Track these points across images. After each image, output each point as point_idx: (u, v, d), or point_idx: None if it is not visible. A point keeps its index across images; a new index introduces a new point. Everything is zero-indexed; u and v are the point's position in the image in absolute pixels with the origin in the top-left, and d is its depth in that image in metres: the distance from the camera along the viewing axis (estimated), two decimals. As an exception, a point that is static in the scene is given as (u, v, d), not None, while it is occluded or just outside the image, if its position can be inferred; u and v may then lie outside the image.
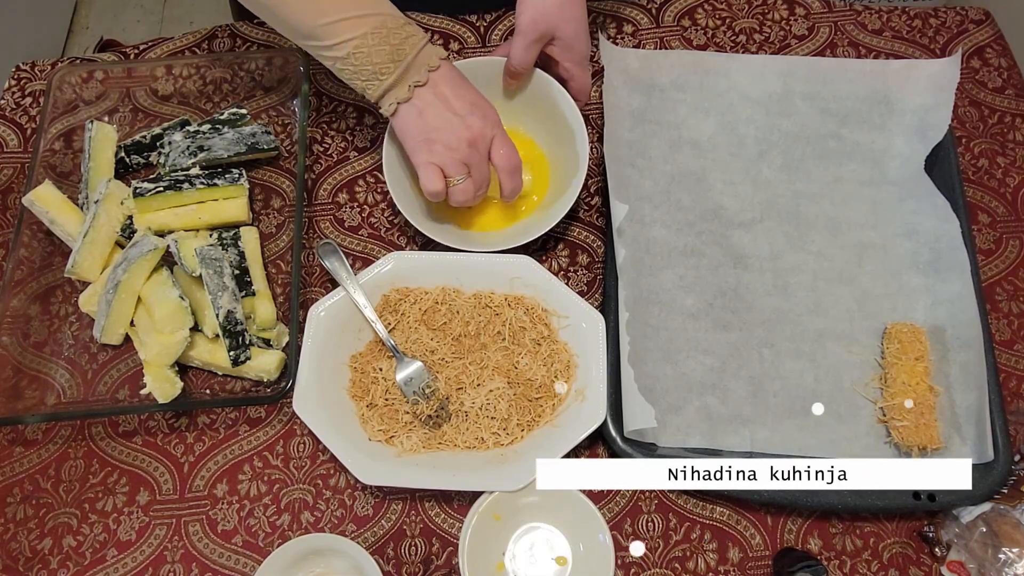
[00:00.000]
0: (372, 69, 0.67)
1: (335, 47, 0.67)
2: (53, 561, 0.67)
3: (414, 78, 0.67)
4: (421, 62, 0.67)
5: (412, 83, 0.67)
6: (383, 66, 0.66)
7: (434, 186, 0.68)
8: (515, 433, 0.68)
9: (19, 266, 0.73)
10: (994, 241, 0.78)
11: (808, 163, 0.80)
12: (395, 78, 0.67)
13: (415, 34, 0.67)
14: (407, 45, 0.67)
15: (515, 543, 0.66)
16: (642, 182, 0.79)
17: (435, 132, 0.68)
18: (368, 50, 0.66)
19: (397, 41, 0.66)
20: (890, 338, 0.71)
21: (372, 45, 0.66)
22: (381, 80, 0.67)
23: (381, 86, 0.67)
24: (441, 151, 0.68)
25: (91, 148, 0.78)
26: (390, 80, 0.67)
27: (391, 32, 0.66)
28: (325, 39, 0.67)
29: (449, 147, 0.68)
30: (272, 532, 0.68)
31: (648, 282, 0.74)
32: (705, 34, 0.90)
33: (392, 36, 0.66)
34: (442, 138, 0.68)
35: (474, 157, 0.69)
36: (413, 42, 0.67)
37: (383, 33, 0.66)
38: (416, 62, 0.67)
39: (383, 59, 0.66)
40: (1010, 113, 0.84)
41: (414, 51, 0.67)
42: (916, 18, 0.90)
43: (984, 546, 0.62)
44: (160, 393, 0.68)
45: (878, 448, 0.68)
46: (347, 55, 0.66)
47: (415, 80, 0.67)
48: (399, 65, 0.66)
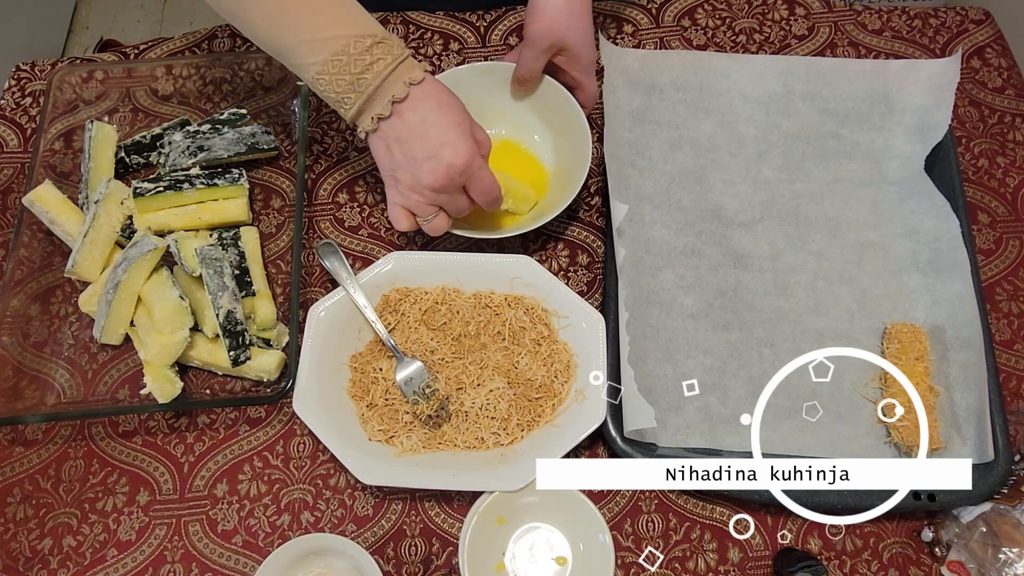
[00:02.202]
0: (335, 97, 0.63)
1: (300, 68, 0.63)
2: (53, 561, 0.67)
3: (376, 110, 0.62)
4: (385, 91, 0.62)
5: (375, 115, 0.62)
6: (344, 96, 0.62)
7: (401, 226, 0.67)
8: (515, 433, 0.68)
9: (19, 266, 0.73)
10: (994, 241, 0.78)
11: (808, 163, 0.80)
12: (356, 109, 0.62)
13: (382, 58, 0.61)
14: (369, 74, 0.61)
15: (515, 543, 0.66)
16: (642, 182, 0.79)
17: (400, 172, 0.64)
18: (329, 78, 0.62)
19: (358, 69, 0.61)
20: (890, 338, 0.71)
21: (332, 73, 0.61)
22: (345, 109, 0.63)
23: (347, 115, 0.63)
24: (407, 192, 0.65)
25: (91, 148, 0.78)
26: (352, 111, 0.63)
27: (352, 59, 0.61)
28: (290, 58, 0.64)
29: (414, 190, 0.65)
30: (272, 532, 0.68)
31: (648, 282, 0.74)
32: (705, 34, 0.90)
33: (353, 64, 0.61)
34: (406, 180, 0.64)
35: (443, 198, 0.65)
36: (377, 69, 0.61)
37: (343, 61, 0.61)
38: (379, 92, 0.62)
39: (343, 88, 0.62)
40: (1010, 113, 0.84)
41: (377, 79, 0.61)
42: (916, 18, 0.90)
43: (984, 546, 0.62)
44: (160, 393, 0.68)
45: (878, 448, 0.68)
46: (312, 79, 0.63)
47: (378, 113, 0.62)
48: (360, 96, 0.62)
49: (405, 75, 0.62)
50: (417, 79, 0.63)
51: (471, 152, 0.63)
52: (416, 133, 0.62)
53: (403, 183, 0.65)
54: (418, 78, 0.63)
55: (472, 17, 0.91)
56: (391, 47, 0.62)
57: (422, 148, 0.62)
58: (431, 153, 0.62)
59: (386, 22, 0.91)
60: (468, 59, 0.89)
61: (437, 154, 0.62)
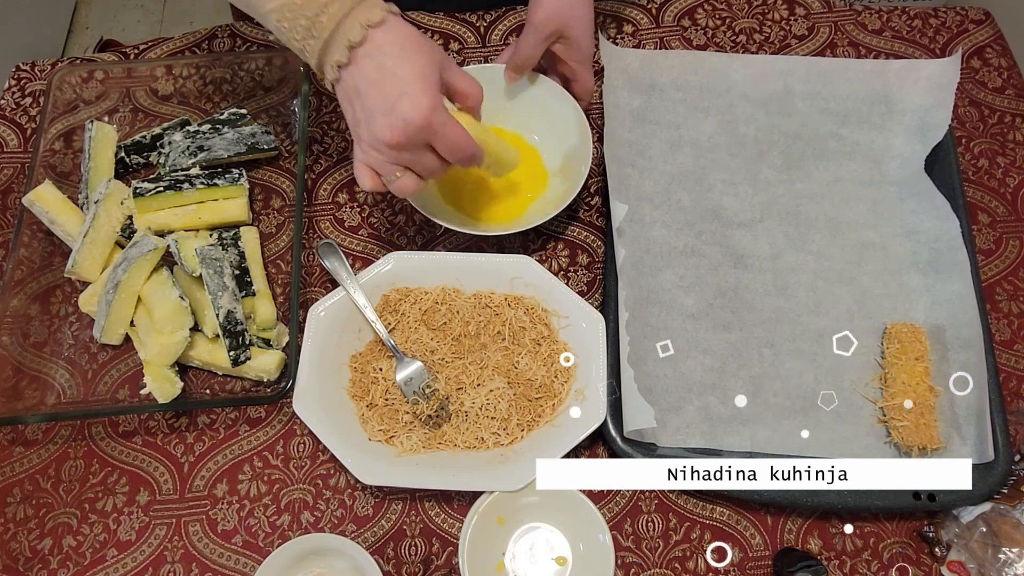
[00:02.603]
0: (298, 45, 0.58)
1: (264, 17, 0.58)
2: (53, 561, 0.67)
3: (335, 58, 0.57)
4: (341, 35, 0.56)
5: (334, 63, 0.57)
6: (305, 42, 0.57)
7: (365, 185, 0.62)
8: (515, 433, 0.68)
9: (19, 266, 0.73)
10: (994, 241, 0.78)
11: (808, 163, 0.80)
12: (317, 58, 0.58)
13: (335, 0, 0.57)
14: (324, 15, 0.56)
15: (515, 543, 0.66)
16: (642, 182, 0.79)
17: (360, 127, 0.59)
18: (289, 24, 0.57)
19: (313, 11, 0.56)
20: (890, 338, 0.71)
21: (290, 18, 0.57)
22: (308, 57, 0.59)
23: (312, 64, 0.59)
24: (367, 150, 0.60)
25: (91, 148, 0.78)
26: (314, 60, 0.58)
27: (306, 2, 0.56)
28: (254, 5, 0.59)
29: (373, 147, 0.59)
30: (272, 532, 0.68)
31: (648, 282, 0.74)
32: (705, 34, 0.90)
33: (309, 4, 0.56)
34: (365, 137, 0.59)
35: (405, 156, 0.60)
36: (332, 10, 0.56)
37: (298, 3, 0.56)
38: (335, 36, 0.56)
39: (302, 35, 0.57)
40: (1010, 113, 0.84)
41: (332, 21, 0.56)
42: (916, 18, 0.90)
43: (984, 546, 0.62)
44: (160, 393, 0.68)
45: (878, 448, 0.68)
46: (275, 28, 0.58)
47: (337, 60, 0.57)
48: (317, 41, 0.57)
49: (363, 16, 0.56)
50: (375, 20, 0.56)
51: (432, 106, 0.57)
52: (373, 83, 0.57)
53: (363, 139, 0.60)
54: (376, 18, 0.56)
55: (472, 17, 0.91)
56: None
57: (379, 100, 0.57)
58: (388, 106, 0.56)
59: (386, 22, 0.91)
60: (468, 59, 0.89)
61: (394, 107, 0.56)
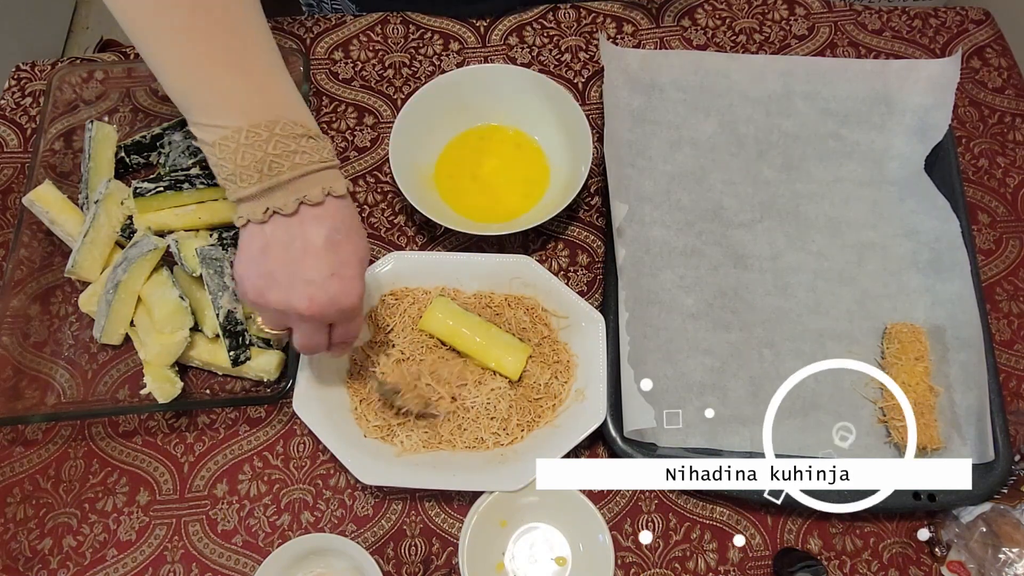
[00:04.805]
0: (232, 169, 0.52)
1: (203, 128, 0.53)
2: (53, 561, 0.67)
3: (277, 203, 0.53)
4: (297, 188, 0.53)
5: (273, 208, 0.53)
6: (245, 172, 0.52)
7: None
8: (515, 433, 0.68)
9: (19, 266, 0.73)
10: (994, 241, 0.78)
11: (808, 163, 0.80)
12: (253, 192, 0.52)
13: (307, 153, 0.53)
14: (287, 161, 0.52)
15: (515, 543, 0.66)
16: (642, 182, 0.79)
17: (265, 282, 0.54)
18: (236, 147, 0.52)
19: (277, 151, 0.52)
20: (890, 338, 0.71)
21: (242, 143, 0.52)
22: (239, 187, 0.53)
23: (237, 193, 0.53)
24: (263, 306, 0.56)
25: (91, 148, 0.78)
26: (248, 191, 0.52)
27: (275, 139, 0.52)
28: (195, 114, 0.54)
29: (273, 308, 0.55)
30: (272, 532, 0.68)
31: (648, 282, 0.74)
32: (705, 34, 0.90)
33: (274, 144, 0.52)
34: (272, 295, 0.54)
35: (302, 327, 0.57)
36: (300, 161, 0.53)
37: (263, 136, 0.52)
38: (290, 186, 0.53)
39: (248, 163, 0.52)
40: (1010, 113, 0.84)
41: (293, 171, 0.53)
42: (916, 18, 0.90)
43: (984, 546, 0.62)
44: (160, 393, 0.68)
45: (878, 448, 0.68)
46: (212, 143, 0.53)
47: (277, 206, 0.53)
48: (264, 180, 0.52)
49: (328, 182, 0.54)
50: (338, 192, 0.55)
51: (360, 295, 0.56)
52: (312, 250, 0.53)
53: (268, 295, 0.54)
54: (339, 192, 0.55)
55: (472, 17, 0.91)
56: (322, 149, 0.55)
57: (312, 268, 0.54)
58: (318, 279, 0.54)
59: (386, 22, 0.91)
60: (468, 59, 0.89)
61: (325, 282, 0.54)
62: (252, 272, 0.55)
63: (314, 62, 0.89)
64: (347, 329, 0.60)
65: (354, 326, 0.60)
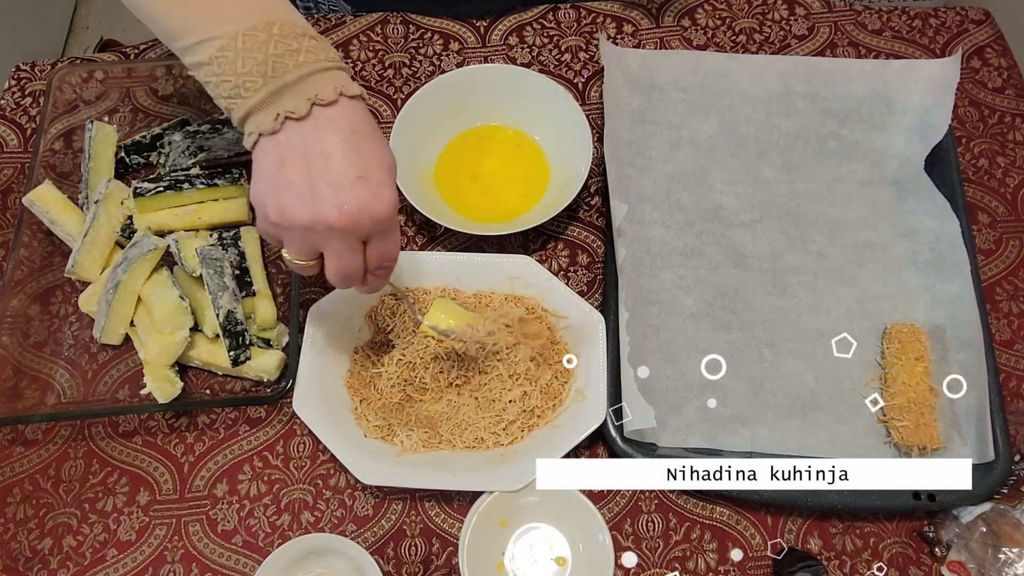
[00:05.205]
0: (234, 81, 0.49)
1: (196, 48, 0.50)
2: (53, 561, 0.67)
3: (287, 106, 0.49)
4: (306, 88, 0.49)
5: (284, 112, 0.49)
6: (248, 79, 0.49)
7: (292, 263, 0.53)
8: (515, 433, 0.68)
9: (19, 266, 0.73)
10: (994, 241, 0.78)
11: (808, 163, 0.80)
12: (261, 98, 0.49)
13: (312, 52, 0.50)
14: (291, 60, 0.49)
15: (515, 543, 0.66)
16: (642, 182, 0.79)
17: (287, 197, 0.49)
18: (234, 55, 0.48)
19: (279, 51, 0.49)
20: (890, 338, 0.71)
21: (241, 49, 0.48)
22: (244, 98, 0.49)
23: (243, 106, 0.49)
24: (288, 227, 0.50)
25: (91, 148, 0.78)
26: (254, 99, 0.49)
27: (275, 39, 0.49)
28: (184, 36, 0.50)
29: (299, 225, 0.50)
30: (272, 532, 0.68)
31: (648, 282, 0.74)
32: (705, 34, 0.90)
33: (274, 44, 0.49)
34: (297, 210, 0.49)
35: (334, 245, 0.51)
36: (305, 60, 0.49)
37: (261, 37, 0.49)
38: (298, 86, 0.49)
39: (249, 69, 0.48)
40: (1010, 113, 0.84)
41: (300, 70, 0.49)
42: (916, 18, 0.90)
43: (984, 546, 0.62)
44: (160, 393, 0.68)
45: (878, 448, 0.68)
46: (209, 59, 0.49)
47: (288, 109, 0.49)
48: (270, 82, 0.49)
49: (338, 81, 0.50)
50: (351, 92, 0.51)
51: (395, 203, 0.51)
52: (333, 152, 0.49)
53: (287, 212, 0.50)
54: (352, 91, 0.51)
55: (472, 17, 0.91)
56: (327, 49, 0.51)
57: (341, 169, 0.49)
58: (345, 183, 0.49)
59: (386, 22, 0.91)
60: (468, 59, 0.89)
61: (353, 187, 0.49)
62: (271, 189, 0.50)
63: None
64: (384, 246, 0.53)
65: (391, 243, 0.54)
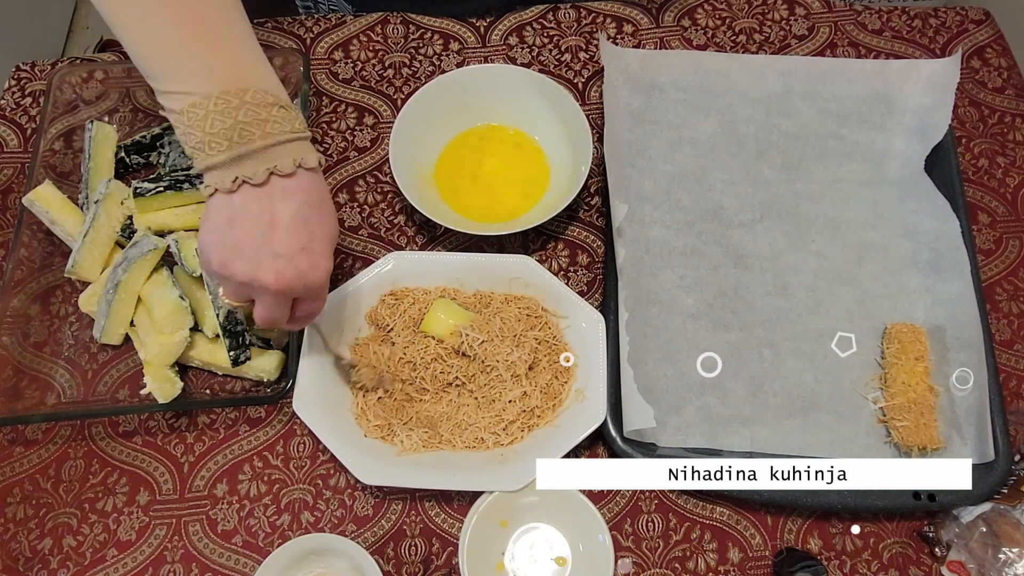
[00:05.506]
0: (201, 137, 0.51)
1: (170, 95, 0.52)
2: (53, 561, 0.67)
3: (247, 172, 0.52)
4: (267, 157, 0.52)
5: (243, 177, 0.52)
6: (215, 139, 0.51)
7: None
8: (515, 433, 0.68)
9: (19, 266, 0.73)
10: (994, 241, 0.78)
11: (808, 163, 0.80)
12: (223, 160, 0.51)
13: (279, 123, 0.53)
14: (258, 129, 0.52)
15: (515, 543, 0.66)
16: (642, 182, 0.79)
17: (230, 252, 0.53)
18: (205, 114, 0.51)
19: (247, 119, 0.51)
20: (890, 338, 0.71)
21: (212, 110, 0.51)
22: (207, 154, 0.52)
23: (205, 161, 0.52)
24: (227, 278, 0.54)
25: (91, 148, 0.78)
26: (217, 159, 0.51)
27: (246, 106, 0.51)
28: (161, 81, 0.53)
29: (237, 280, 0.54)
30: (272, 532, 0.68)
31: (648, 282, 0.74)
32: (705, 34, 0.90)
33: (244, 111, 0.51)
34: (238, 267, 0.53)
35: (266, 300, 0.55)
36: (271, 130, 0.52)
37: (233, 103, 0.51)
38: (260, 155, 0.52)
39: (217, 131, 0.51)
40: (1010, 113, 0.84)
41: (264, 140, 0.52)
42: (916, 18, 0.90)
43: (984, 546, 0.62)
44: (160, 393, 0.68)
45: (878, 448, 0.68)
46: (180, 110, 0.52)
47: (247, 175, 0.52)
48: (235, 147, 0.51)
49: (299, 153, 0.54)
50: (309, 164, 0.54)
51: (329, 271, 0.56)
52: (281, 222, 0.53)
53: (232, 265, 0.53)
54: (310, 163, 0.54)
55: (472, 17, 0.91)
56: (294, 119, 0.54)
57: (287, 239, 0.53)
58: (288, 252, 0.53)
59: (386, 22, 0.91)
60: (468, 59, 0.89)
61: (293, 258, 0.53)
62: (218, 242, 0.53)
63: (314, 62, 0.89)
64: (311, 306, 0.59)
65: (319, 303, 0.59)
